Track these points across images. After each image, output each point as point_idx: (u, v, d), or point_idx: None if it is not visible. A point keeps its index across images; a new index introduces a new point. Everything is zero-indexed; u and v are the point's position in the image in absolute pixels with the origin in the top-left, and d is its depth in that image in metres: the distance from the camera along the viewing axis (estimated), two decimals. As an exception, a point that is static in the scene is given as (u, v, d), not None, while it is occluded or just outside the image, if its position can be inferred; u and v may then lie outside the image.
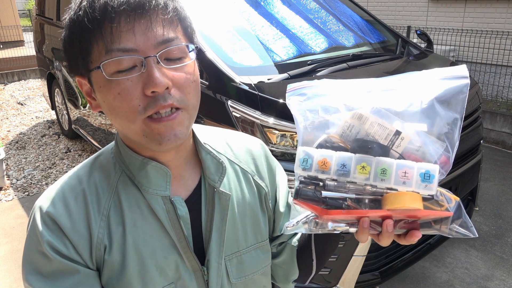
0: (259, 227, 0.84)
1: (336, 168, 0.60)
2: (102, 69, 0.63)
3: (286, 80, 2.22)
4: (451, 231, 0.60)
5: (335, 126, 0.64)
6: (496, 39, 5.38)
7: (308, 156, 0.62)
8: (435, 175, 0.57)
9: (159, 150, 0.71)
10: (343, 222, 0.63)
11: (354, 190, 0.60)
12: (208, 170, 0.78)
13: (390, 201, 0.58)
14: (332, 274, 2.04)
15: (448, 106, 0.61)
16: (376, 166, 0.59)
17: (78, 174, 0.74)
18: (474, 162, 2.60)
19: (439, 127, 0.61)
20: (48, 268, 0.68)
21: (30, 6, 17.84)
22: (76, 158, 4.43)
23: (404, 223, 0.63)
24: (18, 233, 3.17)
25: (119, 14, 0.61)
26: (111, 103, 0.65)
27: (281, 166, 0.93)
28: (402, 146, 0.60)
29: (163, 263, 0.73)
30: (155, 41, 0.63)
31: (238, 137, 0.89)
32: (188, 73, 0.68)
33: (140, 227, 0.72)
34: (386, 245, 0.65)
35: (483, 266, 2.69)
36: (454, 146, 0.61)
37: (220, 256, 0.78)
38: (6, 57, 8.26)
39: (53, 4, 4.38)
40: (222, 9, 2.76)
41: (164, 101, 0.64)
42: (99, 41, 0.63)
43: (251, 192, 0.84)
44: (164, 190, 0.73)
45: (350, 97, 0.65)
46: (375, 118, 0.61)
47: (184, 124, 0.68)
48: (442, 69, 0.64)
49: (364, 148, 0.61)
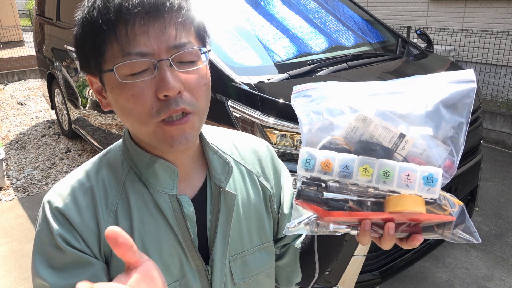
0: (263, 228, 0.84)
1: (339, 169, 0.60)
2: (115, 72, 0.63)
3: (286, 80, 2.22)
4: (453, 236, 0.60)
5: (339, 128, 0.64)
6: (496, 39, 5.38)
7: (311, 157, 0.62)
8: (438, 179, 0.57)
9: (169, 152, 0.71)
10: (344, 224, 0.63)
11: (356, 192, 0.60)
12: (215, 170, 0.78)
13: (392, 204, 0.58)
14: (332, 274, 2.04)
15: (454, 110, 0.61)
16: (379, 168, 0.58)
17: (86, 171, 0.75)
18: (474, 162, 2.60)
19: (445, 131, 0.60)
20: (62, 261, 0.68)
21: (30, 6, 17.84)
22: (76, 158, 4.43)
23: (406, 226, 0.62)
24: (18, 233, 3.17)
25: (133, 16, 0.61)
26: (124, 105, 0.65)
27: (287, 168, 0.93)
28: (406, 149, 0.60)
29: (168, 260, 0.73)
30: (168, 44, 0.63)
31: (244, 138, 0.90)
32: (200, 76, 0.68)
33: (147, 224, 0.72)
34: (388, 248, 0.65)
35: (483, 266, 2.69)
36: (459, 150, 0.60)
37: (224, 256, 0.78)
38: (6, 57, 8.26)
39: (53, 4, 4.38)
40: (222, 9, 2.76)
41: (177, 105, 0.64)
42: (113, 42, 0.63)
43: (256, 193, 0.84)
44: (171, 188, 0.73)
45: (355, 99, 0.65)
46: (380, 121, 0.61)
47: (195, 127, 0.68)
48: (448, 73, 0.63)
49: (368, 150, 0.61)
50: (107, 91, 0.68)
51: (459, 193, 2.51)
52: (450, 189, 2.40)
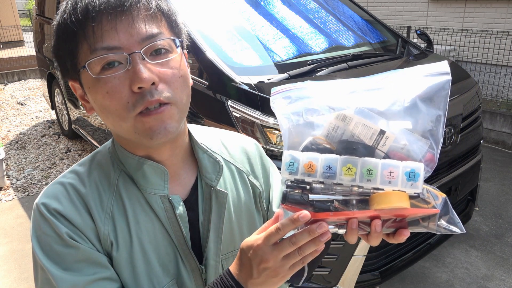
0: (254, 226, 0.85)
1: (322, 170, 0.60)
2: (87, 68, 0.64)
3: (286, 80, 2.22)
4: (439, 227, 0.61)
5: (320, 128, 0.64)
6: (496, 39, 5.38)
7: (294, 160, 0.62)
8: (420, 174, 0.58)
9: (151, 146, 0.71)
10: (331, 224, 0.63)
11: (341, 191, 0.60)
12: (205, 169, 0.79)
13: (377, 201, 0.58)
14: (332, 274, 2.04)
15: (431, 103, 0.62)
16: (362, 167, 0.59)
17: (77, 173, 0.75)
18: (474, 162, 2.60)
19: (423, 125, 0.61)
20: (74, 258, 0.67)
21: (30, 6, 17.84)
22: (76, 158, 4.43)
23: (392, 222, 0.63)
24: (18, 233, 3.17)
25: (100, 13, 0.63)
26: (101, 103, 0.66)
27: (276, 166, 0.93)
28: (387, 145, 0.61)
29: (166, 259, 0.74)
30: (138, 37, 0.64)
31: (233, 137, 0.90)
32: (175, 68, 0.68)
33: (143, 224, 0.73)
34: (376, 245, 0.65)
35: (483, 266, 2.69)
36: (438, 143, 0.61)
37: (218, 255, 0.78)
38: (6, 57, 8.26)
39: (53, 4, 4.38)
40: (222, 9, 2.76)
41: (151, 97, 0.64)
42: (83, 42, 0.64)
43: (246, 192, 0.85)
44: (163, 189, 0.74)
45: (334, 98, 0.65)
46: (359, 119, 0.61)
47: (174, 118, 0.68)
48: (423, 66, 0.64)
49: (349, 150, 0.61)
50: (86, 93, 0.69)
51: (459, 193, 2.51)
52: (450, 189, 2.40)
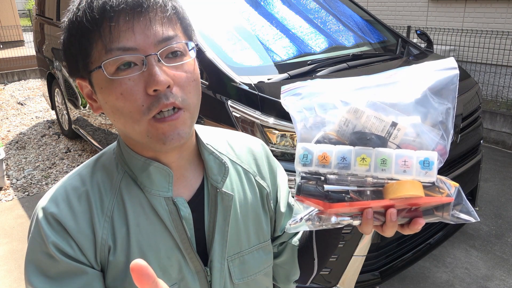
0: (261, 227, 0.84)
1: (337, 161, 0.61)
2: (103, 68, 0.63)
3: (286, 80, 2.22)
4: (453, 217, 0.61)
5: (331, 123, 0.65)
6: (496, 39, 5.38)
7: (308, 152, 0.62)
8: (434, 162, 0.58)
9: (162, 150, 0.70)
10: (346, 215, 0.64)
11: (355, 182, 0.61)
12: (211, 171, 0.78)
13: (392, 190, 0.59)
14: (332, 274, 2.04)
15: (441, 96, 0.63)
16: (376, 157, 0.60)
17: (80, 175, 0.74)
18: (474, 162, 2.60)
19: (433, 117, 0.62)
20: (54, 269, 0.67)
21: (30, 6, 17.84)
22: (76, 158, 4.43)
23: (406, 212, 0.63)
24: (18, 233, 3.17)
25: (117, 13, 0.61)
26: (114, 104, 0.65)
27: (282, 166, 0.93)
28: (399, 137, 0.61)
29: (167, 264, 0.73)
30: (155, 39, 0.63)
31: (239, 137, 0.89)
32: (189, 71, 0.68)
33: (143, 228, 0.72)
34: (390, 236, 0.65)
35: (483, 266, 2.69)
36: (449, 134, 0.62)
37: (223, 257, 0.78)
38: (6, 57, 8.26)
39: (53, 4, 4.38)
40: (222, 9, 2.76)
41: (167, 100, 0.64)
42: (98, 41, 0.63)
43: (253, 193, 0.84)
44: (167, 191, 0.73)
45: (345, 93, 0.66)
46: (371, 112, 0.62)
47: (186, 123, 0.68)
48: (432, 62, 0.65)
49: (363, 140, 0.62)
50: (96, 93, 0.68)
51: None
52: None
